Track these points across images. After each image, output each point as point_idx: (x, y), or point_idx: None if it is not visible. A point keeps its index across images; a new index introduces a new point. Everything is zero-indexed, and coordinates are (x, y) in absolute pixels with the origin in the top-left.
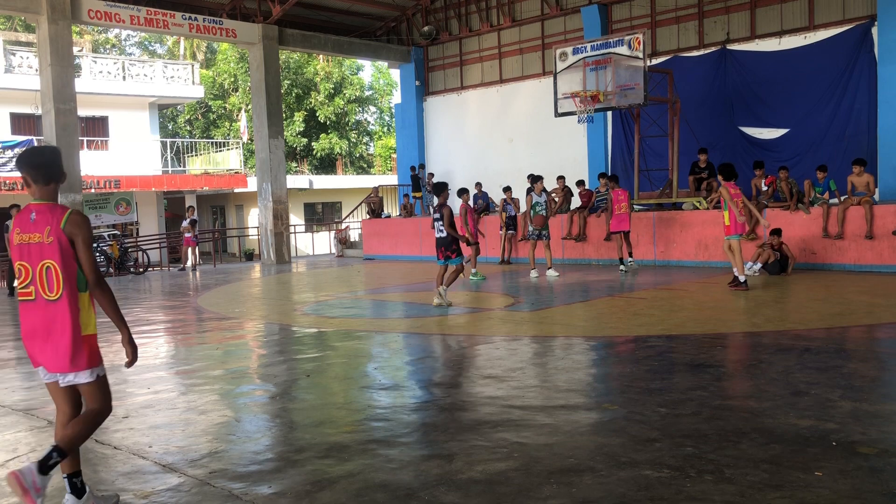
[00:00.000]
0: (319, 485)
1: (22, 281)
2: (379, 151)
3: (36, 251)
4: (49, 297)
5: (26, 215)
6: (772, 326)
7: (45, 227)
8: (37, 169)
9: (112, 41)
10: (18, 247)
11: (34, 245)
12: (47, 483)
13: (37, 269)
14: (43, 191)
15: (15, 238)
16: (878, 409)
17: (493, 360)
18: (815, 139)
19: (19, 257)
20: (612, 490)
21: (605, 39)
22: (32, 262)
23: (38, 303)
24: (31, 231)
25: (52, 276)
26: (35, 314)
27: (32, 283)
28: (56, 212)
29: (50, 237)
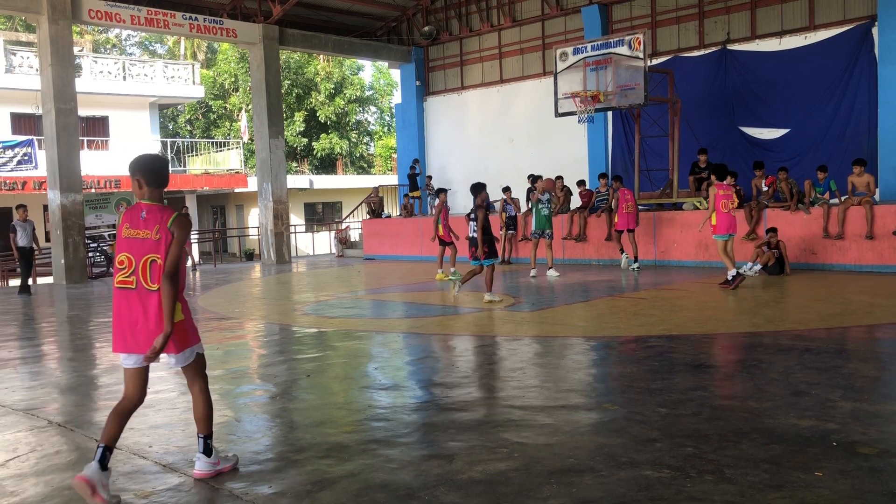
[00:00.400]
0: (320, 485)
1: (124, 271)
2: (379, 151)
3: (143, 245)
4: (150, 287)
5: (137, 213)
6: (772, 327)
7: (154, 226)
8: (152, 174)
9: (112, 41)
10: (126, 240)
11: (141, 240)
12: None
13: (140, 262)
14: (153, 193)
15: (123, 232)
16: (879, 410)
17: (494, 360)
18: (816, 139)
19: (125, 249)
20: (612, 490)
21: (606, 39)
22: (138, 255)
23: (139, 291)
24: (140, 227)
25: (157, 269)
26: (134, 301)
27: (134, 274)
28: (165, 212)
29: (158, 234)
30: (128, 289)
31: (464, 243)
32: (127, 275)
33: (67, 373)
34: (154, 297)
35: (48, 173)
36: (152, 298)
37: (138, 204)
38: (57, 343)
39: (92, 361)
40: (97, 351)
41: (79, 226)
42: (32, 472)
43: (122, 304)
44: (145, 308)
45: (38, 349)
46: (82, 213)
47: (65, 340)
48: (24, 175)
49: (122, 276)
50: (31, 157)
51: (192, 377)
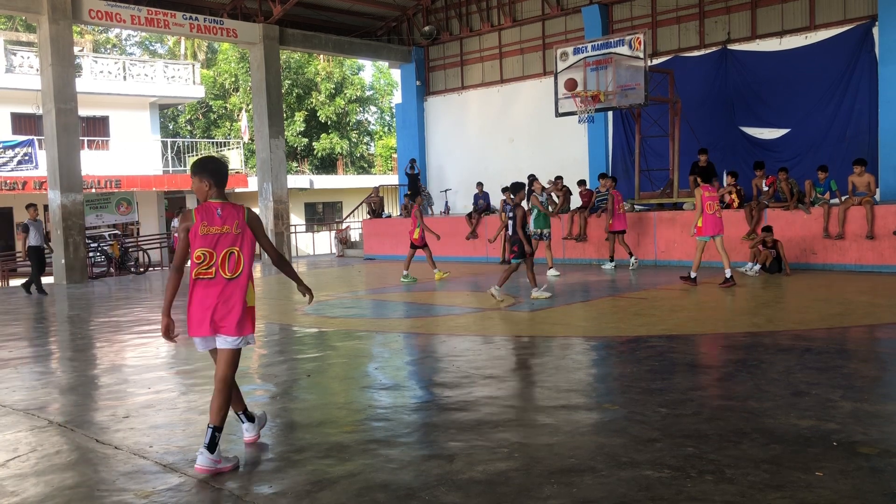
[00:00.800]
0: (320, 485)
1: (202, 264)
2: (379, 151)
3: (224, 240)
4: (228, 276)
5: (212, 211)
6: (772, 326)
7: (233, 221)
8: (218, 175)
9: (113, 41)
10: (204, 237)
11: (222, 235)
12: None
13: (220, 254)
14: (220, 192)
15: (200, 230)
16: (879, 410)
17: (494, 360)
18: (816, 139)
19: (203, 245)
20: (612, 490)
21: (606, 39)
22: (218, 248)
23: (217, 280)
24: (218, 224)
25: (235, 261)
26: (213, 290)
27: (214, 266)
28: (238, 209)
29: (238, 229)
30: (206, 279)
31: (463, 242)
32: (206, 267)
33: (67, 373)
34: (232, 284)
35: (48, 173)
36: (230, 286)
37: (209, 203)
38: (57, 343)
39: (92, 361)
40: (97, 351)
41: (79, 226)
42: (32, 472)
43: (200, 293)
44: (223, 295)
45: (38, 349)
46: (83, 212)
47: (65, 340)
48: (25, 175)
49: (202, 269)
50: (32, 157)
51: (226, 363)
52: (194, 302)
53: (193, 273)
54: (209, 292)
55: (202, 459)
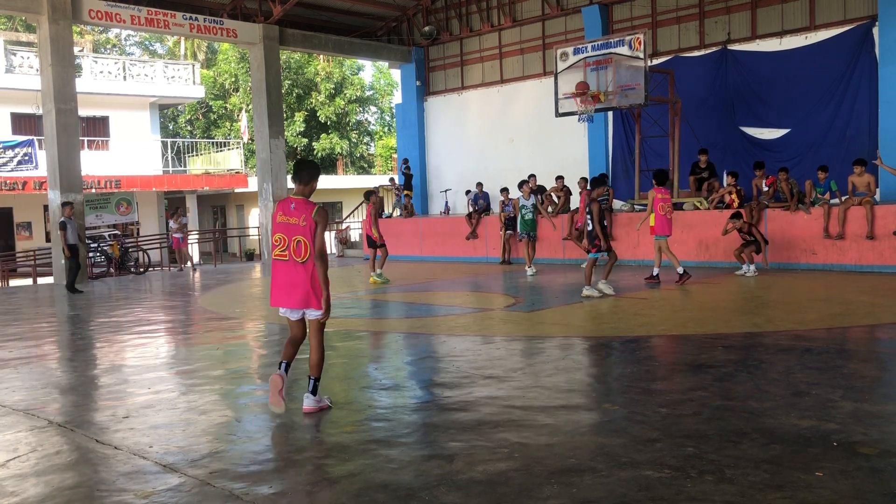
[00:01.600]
0: (320, 485)
1: (279, 247)
2: (380, 151)
3: (293, 229)
4: (298, 259)
5: (288, 204)
6: (772, 327)
7: (301, 215)
8: (307, 176)
9: (113, 41)
10: (280, 224)
11: (292, 225)
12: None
13: (291, 241)
14: (303, 190)
15: (278, 218)
16: (879, 410)
17: (494, 360)
18: (816, 139)
19: (279, 231)
20: (612, 490)
21: (606, 39)
22: (289, 235)
23: (290, 263)
24: (290, 215)
25: (302, 247)
26: (287, 270)
27: (287, 250)
28: (309, 205)
29: (304, 222)
30: (283, 260)
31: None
32: (282, 249)
33: (67, 373)
34: (300, 268)
35: (48, 173)
36: (299, 269)
37: (289, 197)
38: (57, 343)
39: (92, 361)
40: (97, 351)
41: (79, 226)
42: (32, 472)
43: (278, 271)
44: (294, 276)
45: (38, 349)
46: (83, 213)
47: (65, 340)
48: (25, 175)
49: (278, 251)
50: (32, 157)
51: (315, 331)
52: (275, 278)
53: (273, 254)
54: (285, 272)
55: (308, 402)
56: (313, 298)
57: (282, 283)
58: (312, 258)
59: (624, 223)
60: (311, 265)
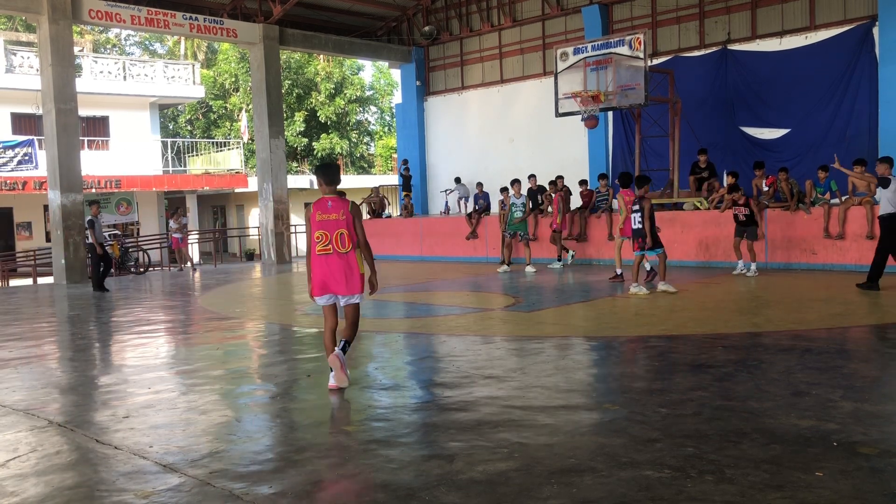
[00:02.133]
0: (320, 485)
1: (321, 242)
2: (380, 151)
3: (334, 224)
4: (341, 251)
5: (324, 203)
6: (772, 327)
7: (339, 210)
8: (331, 176)
9: (113, 41)
10: (320, 222)
11: (331, 221)
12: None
13: (334, 235)
14: (332, 189)
15: (317, 217)
16: (880, 410)
17: (494, 360)
18: (816, 139)
19: (320, 228)
20: (612, 490)
21: (606, 39)
22: (330, 230)
23: (334, 255)
24: (329, 212)
25: (345, 239)
26: (331, 262)
27: (330, 244)
28: (344, 201)
29: (343, 216)
30: (326, 254)
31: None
32: (324, 244)
33: (67, 373)
34: (344, 259)
35: (48, 173)
36: (343, 259)
37: (324, 197)
38: (57, 343)
39: (92, 361)
40: (97, 351)
41: (79, 226)
42: (32, 472)
43: (322, 264)
44: (338, 266)
45: (38, 349)
46: (83, 213)
47: (65, 340)
48: (25, 175)
49: (321, 246)
50: (32, 157)
51: (353, 311)
52: (316, 271)
53: (315, 249)
54: (329, 264)
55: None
56: (357, 284)
57: (329, 273)
58: (354, 248)
59: None
60: (354, 255)
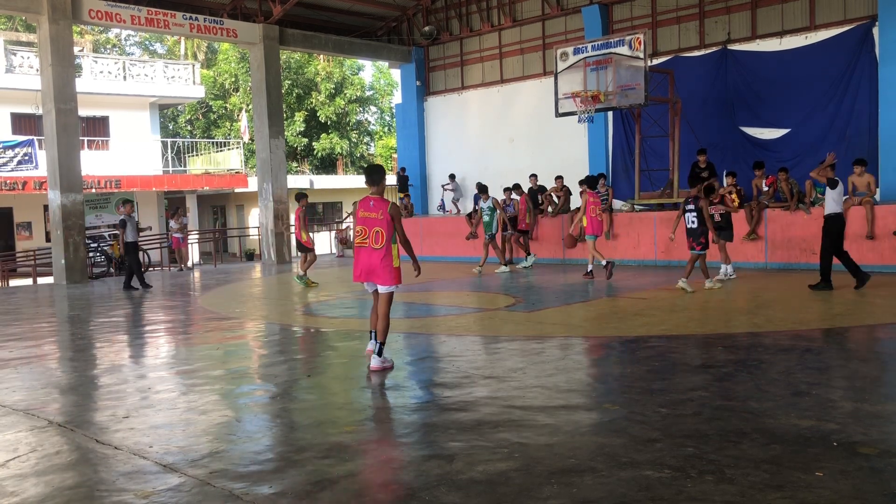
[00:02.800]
0: (320, 485)
1: (360, 236)
2: (380, 151)
3: (373, 222)
4: (375, 246)
5: (367, 202)
6: (772, 327)
7: (379, 210)
8: (374, 178)
9: (113, 41)
10: (362, 218)
11: (371, 218)
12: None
13: (371, 231)
14: (377, 189)
15: (360, 213)
16: (879, 410)
17: (494, 360)
18: (817, 139)
19: (361, 224)
20: (612, 490)
21: (606, 39)
22: (369, 227)
23: (368, 249)
24: (370, 211)
25: (380, 236)
26: (367, 255)
27: (367, 239)
28: (385, 202)
29: (381, 215)
30: (362, 247)
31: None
32: (362, 238)
33: (67, 373)
34: (376, 253)
35: (48, 173)
36: (375, 254)
37: (368, 196)
38: (57, 343)
39: (92, 361)
40: (97, 351)
41: (79, 226)
42: (32, 472)
43: (361, 254)
44: (371, 259)
45: (38, 349)
46: (83, 213)
47: (65, 340)
48: (25, 175)
49: (360, 239)
50: (32, 157)
51: (384, 302)
52: (357, 261)
53: (356, 242)
54: (366, 255)
55: (375, 361)
56: (386, 276)
57: (363, 264)
58: (387, 245)
59: (624, 223)
60: (384, 250)
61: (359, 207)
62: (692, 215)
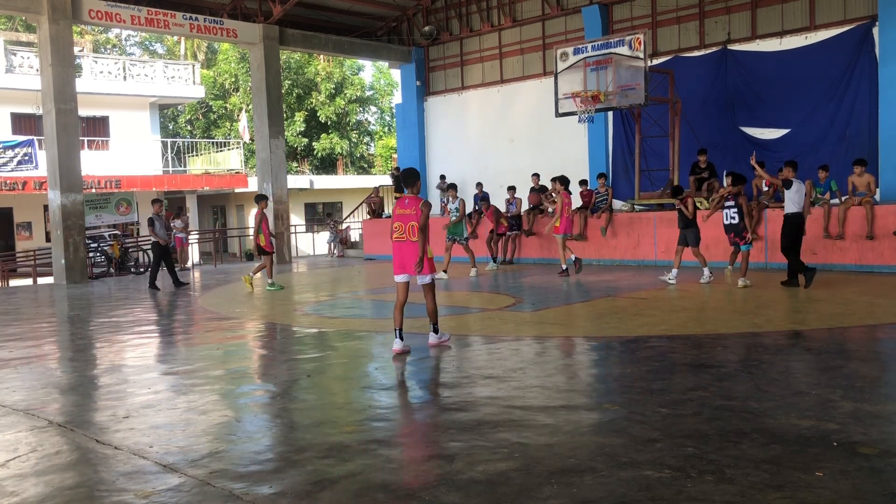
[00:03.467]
0: (320, 485)
1: (398, 232)
2: (380, 151)
3: (406, 218)
4: (412, 239)
5: (403, 201)
6: (772, 327)
7: (413, 207)
8: (405, 180)
9: (113, 41)
10: (398, 215)
11: (406, 215)
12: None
13: (407, 226)
14: (411, 189)
15: (396, 211)
16: (879, 410)
17: (494, 360)
18: (817, 139)
19: (397, 220)
20: (612, 490)
21: (606, 39)
22: (405, 222)
23: (406, 242)
24: (405, 208)
25: (415, 230)
26: (404, 248)
27: (405, 233)
28: (418, 200)
29: (414, 211)
30: (402, 241)
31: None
32: (400, 233)
33: (67, 373)
34: (413, 246)
35: (48, 173)
36: (412, 246)
37: (404, 196)
38: (57, 343)
39: (92, 361)
40: (97, 351)
41: (79, 226)
42: (32, 472)
43: (399, 249)
44: (410, 252)
45: (38, 349)
46: (83, 213)
47: (65, 340)
48: (25, 175)
49: (397, 235)
50: (32, 157)
51: (427, 291)
52: (394, 255)
53: (392, 237)
54: (403, 249)
55: (432, 338)
56: (430, 265)
57: (401, 257)
58: (421, 238)
59: (624, 223)
60: (421, 243)
61: (395, 206)
62: (732, 211)
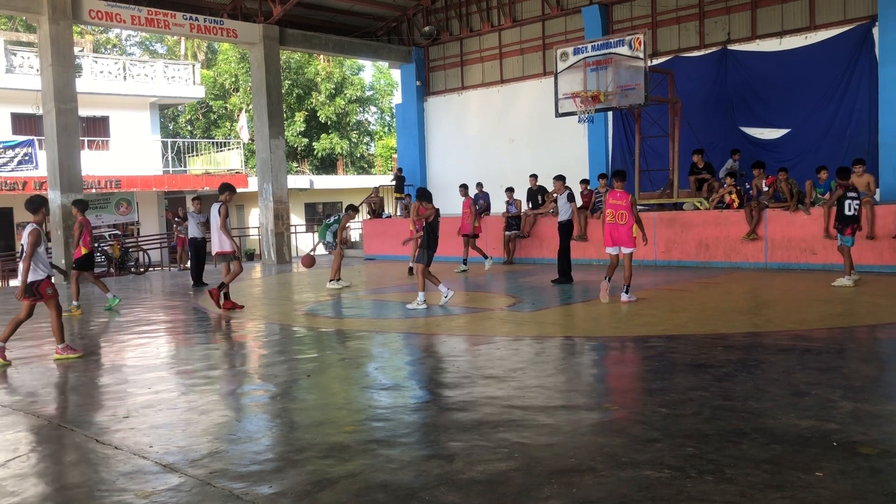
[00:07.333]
0: (320, 485)
1: (611, 216)
2: (380, 151)
3: (618, 206)
4: (621, 223)
5: (614, 193)
6: (772, 327)
7: (623, 199)
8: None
9: (113, 41)
10: (611, 204)
11: (619, 204)
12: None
13: (618, 213)
14: (620, 185)
15: (609, 201)
16: (879, 410)
17: (494, 360)
18: (816, 139)
19: (610, 208)
20: (612, 490)
21: (606, 39)
22: (615, 210)
23: (616, 224)
24: (617, 199)
25: (624, 216)
26: (616, 228)
27: (615, 218)
28: (626, 194)
29: (623, 202)
30: (613, 223)
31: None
32: (612, 217)
33: (67, 373)
34: (623, 227)
35: (48, 173)
36: (622, 228)
37: (614, 190)
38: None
39: (92, 361)
40: (97, 351)
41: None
42: (32, 472)
43: (611, 228)
44: (620, 231)
45: (39, 349)
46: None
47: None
48: (25, 175)
49: (609, 218)
50: (32, 157)
51: (628, 259)
52: (606, 234)
53: (607, 220)
54: (616, 229)
55: (624, 297)
56: (628, 242)
57: (615, 234)
58: (630, 221)
59: None
60: (630, 226)
61: (607, 197)
62: (855, 203)
